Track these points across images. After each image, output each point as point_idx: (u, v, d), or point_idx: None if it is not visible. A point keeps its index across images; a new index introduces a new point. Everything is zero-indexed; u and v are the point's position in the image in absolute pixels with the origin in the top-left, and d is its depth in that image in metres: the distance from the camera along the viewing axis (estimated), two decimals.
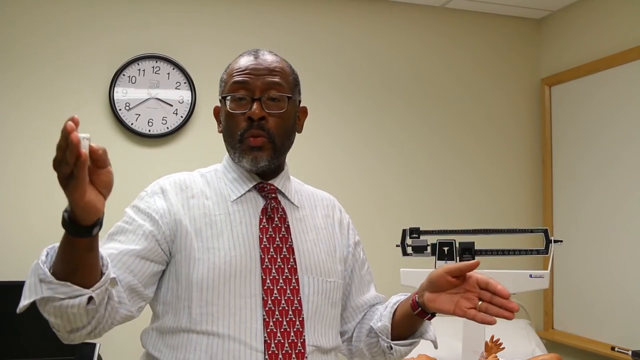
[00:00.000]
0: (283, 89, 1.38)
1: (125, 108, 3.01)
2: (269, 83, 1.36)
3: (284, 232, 1.38)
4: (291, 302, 1.32)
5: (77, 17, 2.99)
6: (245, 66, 1.38)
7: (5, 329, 2.69)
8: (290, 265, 1.35)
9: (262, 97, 1.35)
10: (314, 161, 3.23)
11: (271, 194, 1.41)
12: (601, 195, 3.12)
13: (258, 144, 1.35)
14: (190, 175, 1.44)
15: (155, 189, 1.39)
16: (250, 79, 1.36)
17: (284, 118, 1.38)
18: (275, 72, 1.38)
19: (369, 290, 1.55)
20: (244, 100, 1.36)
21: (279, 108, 1.37)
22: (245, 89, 1.36)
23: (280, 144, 1.38)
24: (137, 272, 1.28)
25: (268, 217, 1.38)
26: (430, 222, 2.63)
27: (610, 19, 3.16)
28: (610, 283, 3.04)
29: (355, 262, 1.52)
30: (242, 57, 1.41)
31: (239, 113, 1.36)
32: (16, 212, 2.89)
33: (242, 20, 3.20)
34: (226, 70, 1.43)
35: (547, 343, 3.32)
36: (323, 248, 1.43)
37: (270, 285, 1.31)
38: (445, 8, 3.50)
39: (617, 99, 3.05)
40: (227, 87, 1.39)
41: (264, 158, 1.36)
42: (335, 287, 1.42)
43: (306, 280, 1.36)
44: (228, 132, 1.39)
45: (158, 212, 1.33)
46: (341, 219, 1.53)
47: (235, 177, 1.41)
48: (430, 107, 3.48)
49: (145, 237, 1.30)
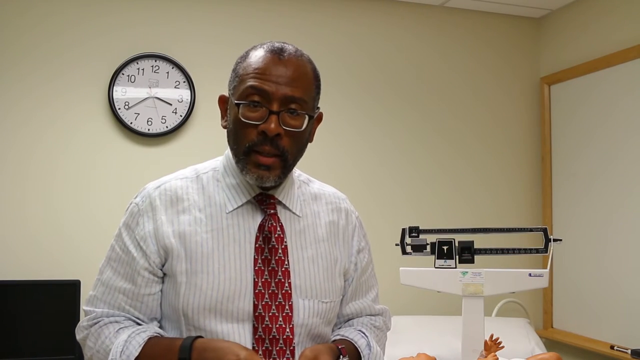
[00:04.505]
0: (305, 105, 1.26)
1: (125, 107, 3.01)
2: (290, 97, 1.23)
3: (281, 254, 1.29)
4: (283, 330, 1.26)
5: (77, 16, 2.99)
6: (266, 68, 1.24)
7: (5, 327, 2.69)
8: (284, 290, 1.27)
9: (281, 111, 1.23)
10: (314, 159, 3.22)
11: (270, 210, 1.32)
12: (600, 193, 3.12)
13: (267, 163, 1.24)
14: (184, 180, 1.35)
15: (146, 205, 1.31)
16: (269, 87, 1.22)
17: (301, 136, 1.27)
18: (298, 82, 1.25)
19: (364, 297, 1.47)
20: (258, 108, 1.23)
21: (297, 126, 1.24)
22: (263, 98, 1.23)
23: (292, 161, 1.29)
24: (149, 307, 1.30)
25: (265, 235, 1.29)
26: (430, 221, 2.63)
27: (610, 18, 3.16)
28: (609, 282, 3.04)
29: (355, 271, 1.44)
30: (264, 54, 1.26)
31: (251, 124, 1.23)
32: (15, 210, 2.88)
33: (241, 19, 3.20)
34: (242, 61, 1.29)
35: (546, 342, 3.32)
36: (322, 265, 1.35)
37: (262, 312, 1.25)
38: (444, 7, 3.50)
39: (616, 97, 3.05)
40: (242, 89, 1.25)
41: (270, 178, 1.26)
42: (332, 307, 1.36)
43: (301, 304, 1.30)
44: (235, 138, 1.27)
45: (147, 242, 1.28)
46: (346, 225, 1.43)
47: (234, 184, 1.32)
48: (430, 106, 3.48)
49: (141, 276, 1.29)
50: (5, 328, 2.69)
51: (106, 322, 1.28)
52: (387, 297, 1.95)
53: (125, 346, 1.21)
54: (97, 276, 1.35)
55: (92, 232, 2.93)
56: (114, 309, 1.30)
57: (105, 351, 1.23)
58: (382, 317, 1.51)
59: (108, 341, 1.24)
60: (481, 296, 2.06)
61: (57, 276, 2.84)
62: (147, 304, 1.29)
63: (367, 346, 1.36)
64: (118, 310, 1.29)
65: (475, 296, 2.06)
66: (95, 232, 2.93)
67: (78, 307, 2.75)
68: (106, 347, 1.24)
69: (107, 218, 2.91)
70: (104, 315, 1.29)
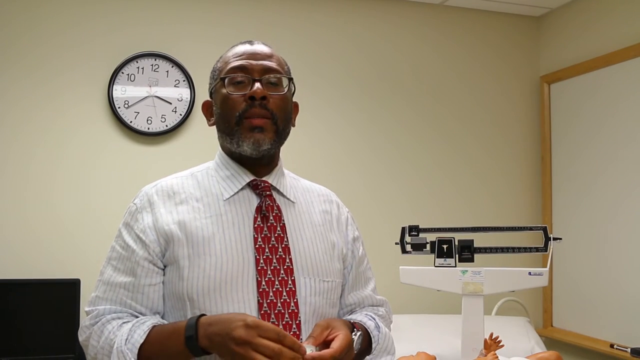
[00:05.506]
0: (282, 73, 1.37)
1: (124, 106, 3.01)
2: (268, 67, 1.35)
3: (280, 232, 1.33)
4: (287, 304, 1.28)
5: (76, 15, 2.99)
6: (243, 51, 1.37)
7: (5, 326, 2.69)
8: (286, 266, 1.31)
9: (262, 79, 1.34)
10: (313, 158, 3.23)
11: (265, 192, 1.36)
12: (600, 192, 3.13)
13: (260, 124, 1.31)
14: (179, 178, 1.40)
15: (144, 202, 1.35)
16: (248, 63, 1.34)
17: (285, 100, 1.36)
18: (272, 58, 1.38)
19: (364, 288, 1.51)
20: (242, 84, 1.34)
21: (279, 90, 1.35)
22: (245, 72, 1.34)
23: (282, 127, 1.35)
24: (150, 299, 1.31)
25: (263, 215, 1.33)
26: (430, 219, 2.63)
27: (609, 17, 3.16)
28: (609, 280, 3.04)
29: (354, 259, 1.48)
30: (237, 46, 1.40)
31: (238, 94, 1.33)
32: (15, 209, 2.89)
33: (241, 18, 3.19)
34: (220, 60, 1.42)
35: (546, 340, 3.33)
36: (320, 246, 1.38)
37: (265, 288, 1.28)
38: (444, 6, 3.49)
39: (617, 96, 3.05)
40: (224, 72, 1.37)
41: (266, 141, 1.32)
42: (334, 287, 1.39)
43: (303, 282, 1.32)
44: (224, 117, 1.35)
45: (146, 232, 1.31)
46: (339, 215, 1.49)
47: (228, 175, 1.37)
48: (430, 105, 3.48)
49: (141, 266, 1.30)
50: (5, 327, 2.69)
51: (108, 318, 1.28)
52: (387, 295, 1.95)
53: (129, 335, 1.21)
54: (98, 278, 1.36)
55: (92, 231, 2.93)
56: (115, 305, 1.30)
57: (110, 345, 1.23)
58: (383, 307, 1.54)
59: (112, 335, 1.24)
60: (481, 295, 2.06)
61: (57, 275, 2.84)
62: (148, 295, 1.30)
63: (376, 327, 1.40)
64: (120, 305, 1.30)
65: (475, 295, 2.06)
66: (95, 230, 2.93)
67: (78, 306, 2.75)
68: (110, 340, 1.24)
69: (107, 216, 2.92)
70: (106, 313, 1.29)
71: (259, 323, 1.12)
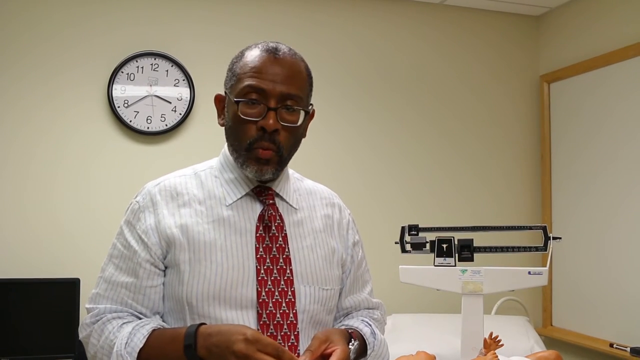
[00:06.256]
0: (301, 101, 1.31)
1: (124, 105, 3.01)
2: (287, 94, 1.28)
3: (281, 242, 1.33)
4: (286, 315, 1.29)
5: (76, 15, 2.99)
6: (262, 67, 1.29)
7: (4, 325, 2.69)
8: (286, 276, 1.31)
9: (278, 107, 1.28)
10: (313, 157, 3.23)
11: (269, 200, 1.36)
12: (600, 192, 3.13)
13: (266, 157, 1.29)
14: (183, 177, 1.39)
15: (147, 201, 1.34)
16: (266, 86, 1.27)
17: (296, 131, 1.32)
18: (293, 80, 1.30)
19: (361, 291, 1.51)
20: (257, 105, 1.28)
21: (293, 121, 1.30)
22: (261, 95, 1.28)
23: (287, 156, 1.34)
24: (151, 300, 1.31)
25: (265, 225, 1.33)
26: (429, 219, 2.63)
27: (609, 16, 3.16)
28: (609, 280, 3.04)
29: (352, 263, 1.48)
30: (260, 53, 1.31)
31: (250, 120, 1.28)
32: (15, 208, 2.89)
33: (241, 17, 3.19)
34: (239, 61, 1.34)
35: (545, 340, 3.33)
36: (320, 254, 1.39)
37: (265, 298, 1.28)
38: (444, 5, 3.49)
39: (616, 95, 3.05)
40: (240, 88, 1.29)
41: (269, 171, 1.31)
42: (332, 295, 1.40)
43: (302, 290, 1.33)
44: (235, 136, 1.32)
45: (149, 234, 1.31)
46: (340, 219, 1.49)
47: (232, 179, 1.37)
48: (429, 104, 3.48)
49: (142, 268, 1.30)
50: (5, 326, 2.69)
51: (109, 317, 1.29)
52: (387, 295, 1.96)
53: (129, 338, 1.21)
54: (99, 274, 1.36)
55: (92, 230, 2.93)
56: (116, 304, 1.30)
57: (110, 346, 1.23)
58: (378, 310, 1.55)
59: (112, 336, 1.24)
60: (480, 294, 2.06)
61: (57, 274, 2.84)
62: (149, 296, 1.30)
63: (372, 334, 1.41)
64: (121, 305, 1.30)
65: (475, 294, 2.06)
66: (94, 229, 2.93)
67: (78, 306, 2.75)
68: (110, 341, 1.24)
69: (107, 216, 2.92)
70: (107, 312, 1.30)
71: (258, 337, 1.12)
